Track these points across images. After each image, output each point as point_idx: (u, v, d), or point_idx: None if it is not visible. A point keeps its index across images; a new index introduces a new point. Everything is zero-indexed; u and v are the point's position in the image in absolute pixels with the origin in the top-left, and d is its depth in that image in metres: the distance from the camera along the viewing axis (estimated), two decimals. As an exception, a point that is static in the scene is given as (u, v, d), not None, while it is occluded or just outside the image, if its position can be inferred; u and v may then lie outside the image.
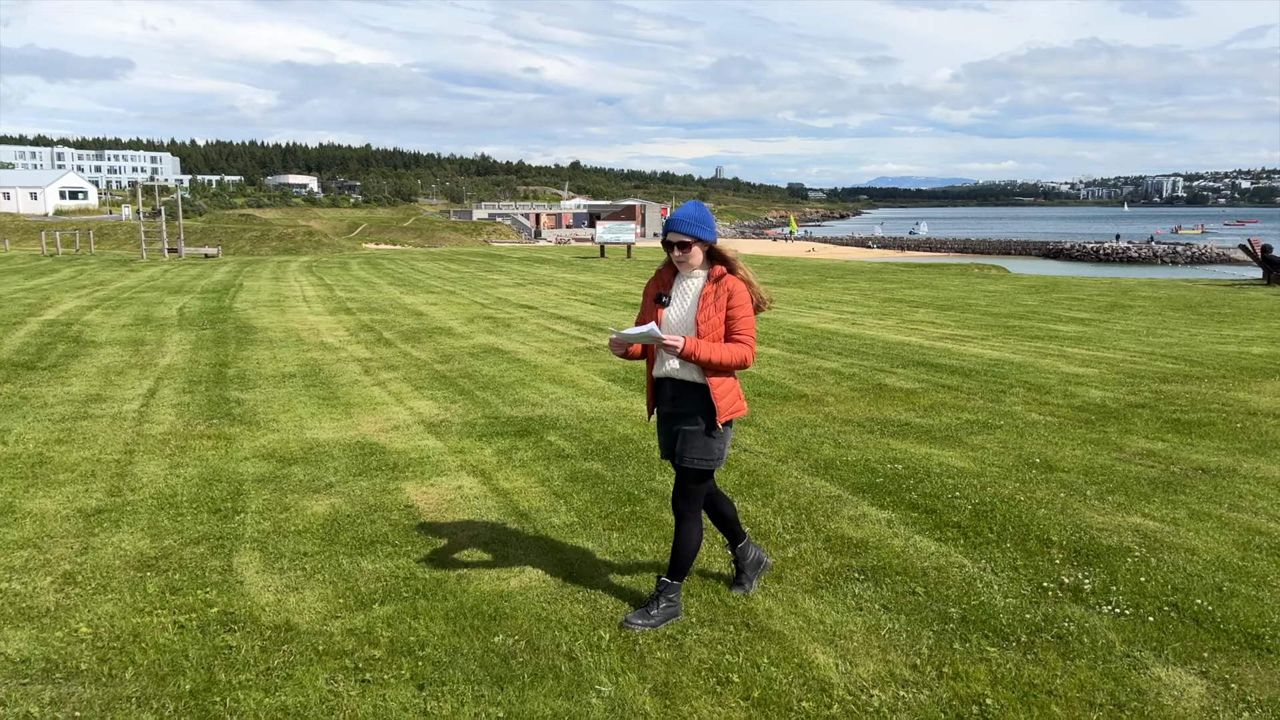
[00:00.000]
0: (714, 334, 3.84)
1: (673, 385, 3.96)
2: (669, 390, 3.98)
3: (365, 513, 5.34)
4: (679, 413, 3.95)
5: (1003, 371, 10.14)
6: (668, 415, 4.01)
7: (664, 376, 3.97)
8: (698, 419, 3.90)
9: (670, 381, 3.96)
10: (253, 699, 3.29)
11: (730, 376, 3.95)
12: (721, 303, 3.85)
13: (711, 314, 3.84)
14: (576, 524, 5.15)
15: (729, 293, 3.86)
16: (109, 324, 15.24)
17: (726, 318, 3.86)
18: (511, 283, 24.89)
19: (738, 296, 3.86)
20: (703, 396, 3.89)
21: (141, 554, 4.67)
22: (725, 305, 3.85)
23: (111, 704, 3.24)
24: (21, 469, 6.33)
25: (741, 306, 3.86)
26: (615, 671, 3.54)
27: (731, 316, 3.86)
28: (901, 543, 4.87)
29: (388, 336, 13.73)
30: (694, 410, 3.91)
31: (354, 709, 3.24)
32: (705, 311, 3.85)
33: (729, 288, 3.87)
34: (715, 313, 3.85)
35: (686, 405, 3.93)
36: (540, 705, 3.29)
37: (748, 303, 3.89)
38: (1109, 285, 23.89)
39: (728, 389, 3.91)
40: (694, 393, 3.91)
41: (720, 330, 3.85)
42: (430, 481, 5.98)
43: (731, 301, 3.85)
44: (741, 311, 3.86)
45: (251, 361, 11.31)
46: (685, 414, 3.93)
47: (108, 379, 10.10)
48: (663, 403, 4.02)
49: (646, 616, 3.91)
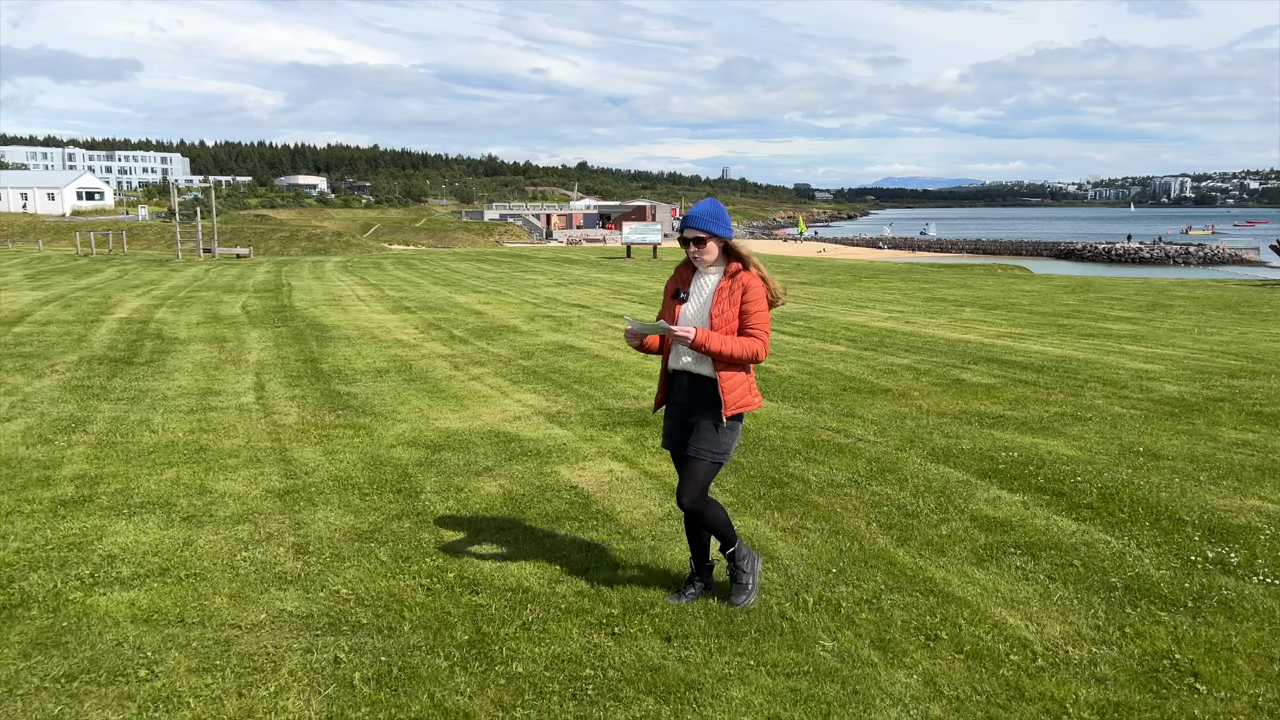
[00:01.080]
0: (727, 328, 3.93)
1: (689, 378, 4.07)
2: (684, 383, 4.08)
3: (536, 492, 5.75)
4: (691, 405, 4.06)
5: (1072, 368, 10.52)
6: (679, 406, 4.11)
7: (679, 370, 4.08)
8: (710, 412, 4.01)
9: (686, 375, 4.07)
10: (525, 648, 3.69)
11: (742, 371, 4.03)
12: (736, 297, 3.95)
13: (725, 308, 3.94)
14: (736, 504, 5.55)
15: (744, 287, 3.95)
16: (182, 322, 15.68)
17: (741, 312, 3.95)
18: (551, 283, 25.30)
19: (752, 291, 3.95)
20: (715, 390, 3.99)
21: (353, 528, 5.08)
22: (740, 300, 3.94)
23: (404, 651, 3.65)
24: (189, 455, 6.74)
25: (755, 301, 3.95)
26: (830, 629, 3.93)
27: (745, 311, 3.94)
28: (1043, 522, 5.26)
29: (459, 334, 14.13)
30: (705, 403, 4.01)
31: (617, 657, 3.64)
32: (719, 305, 3.94)
33: (744, 283, 3.96)
34: (729, 307, 3.94)
35: (700, 398, 4.03)
36: (777, 655, 3.68)
37: (762, 298, 3.97)
38: (1142, 285, 24.24)
39: (738, 383, 4.00)
40: (708, 386, 4.01)
41: (734, 324, 3.94)
42: (580, 466, 6.38)
43: (746, 296, 3.94)
44: (755, 306, 3.95)
45: (338, 358, 11.72)
46: (699, 407, 4.03)
47: (208, 374, 10.51)
48: (677, 394, 4.12)
49: (743, 591, 4.16)
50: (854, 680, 3.49)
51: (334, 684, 3.39)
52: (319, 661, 3.56)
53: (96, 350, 12.25)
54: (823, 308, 18.14)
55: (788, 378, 10.02)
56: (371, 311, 17.53)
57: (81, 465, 6.43)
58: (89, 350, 12.23)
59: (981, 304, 18.73)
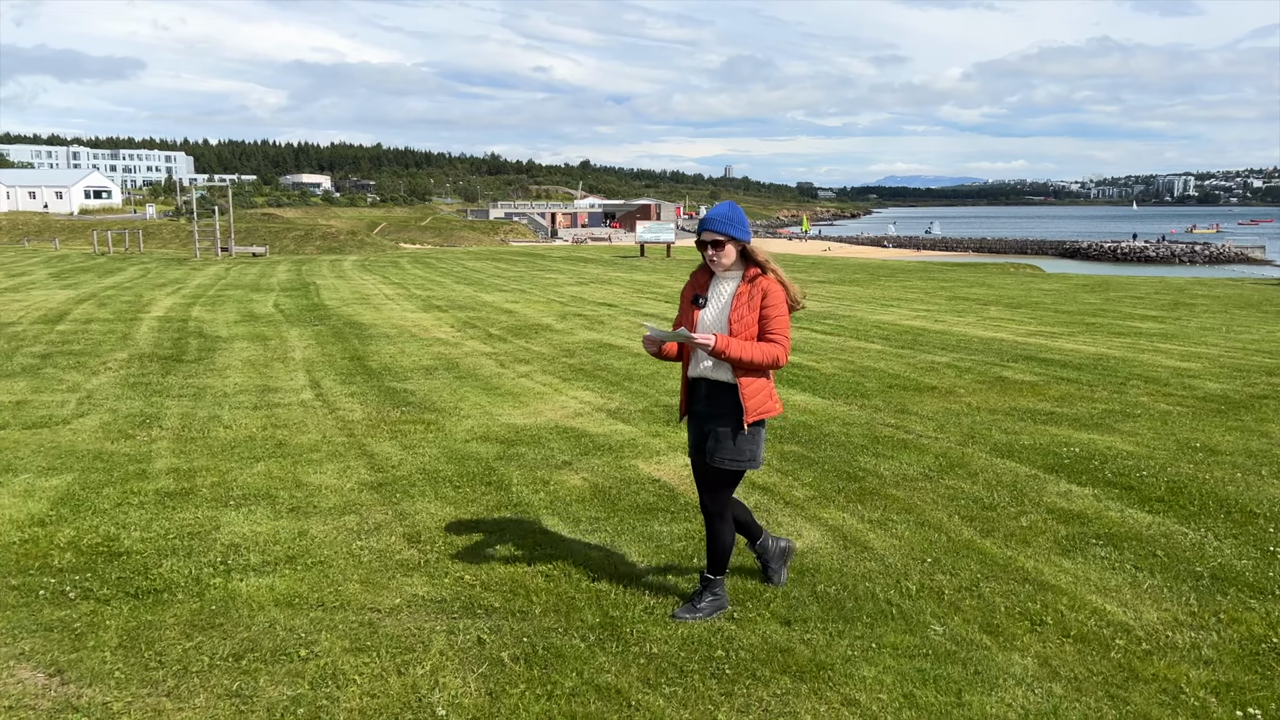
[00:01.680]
0: (747, 333, 3.87)
1: (707, 385, 4.00)
2: (703, 390, 4.01)
3: (621, 485, 5.93)
4: (712, 413, 3.98)
5: (1110, 366, 10.69)
6: (700, 415, 4.04)
7: (698, 377, 4.02)
8: (729, 419, 3.94)
9: (704, 382, 4.00)
10: (654, 631, 3.87)
11: (762, 377, 3.97)
12: (755, 302, 3.88)
13: (745, 313, 3.87)
14: (818, 497, 5.73)
15: (763, 292, 3.88)
16: (220, 320, 15.87)
17: (760, 317, 3.88)
18: (572, 281, 25.48)
19: (772, 296, 3.88)
20: (734, 396, 3.93)
21: (456, 518, 5.26)
22: (759, 305, 3.88)
23: (541, 633, 3.83)
24: (269, 449, 6.93)
25: (775, 306, 3.88)
26: (937, 614, 4.11)
27: (765, 316, 3.87)
28: (1117, 514, 5.44)
29: (495, 333, 14.32)
30: (726, 410, 3.95)
31: (744, 639, 3.81)
32: (739, 311, 3.87)
33: (763, 287, 3.89)
34: (749, 312, 3.87)
35: (719, 405, 3.96)
36: (894, 639, 3.86)
37: (782, 302, 3.91)
38: (1160, 284, 24.41)
39: (758, 389, 3.94)
40: (727, 393, 3.95)
41: (753, 330, 3.88)
42: (656, 461, 6.57)
43: (766, 301, 3.87)
44: (775, 311, 3.88)
45: (384, 355, 11.91)
46: (718, 414, 3.96)
47: (259, 371, 10.69)
48: (696, 402, 4.06)
49: (694, 610, 4.01)
50: (973, 662, 3.67)
51: (485, 663, 3.58)
52: (464, 642, 3.74)
53: (144, 348, 12.44)
54: (849, 306, 18.31)
55: (832, 375, 10.19)
56: (404, 310, 17.72)
57: (170, 459, 6.62)
58: (136, 348, 12.42)
59: (1005, 303, 18.90)
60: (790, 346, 3.97)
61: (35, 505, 5.50)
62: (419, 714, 3.22)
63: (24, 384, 9.78)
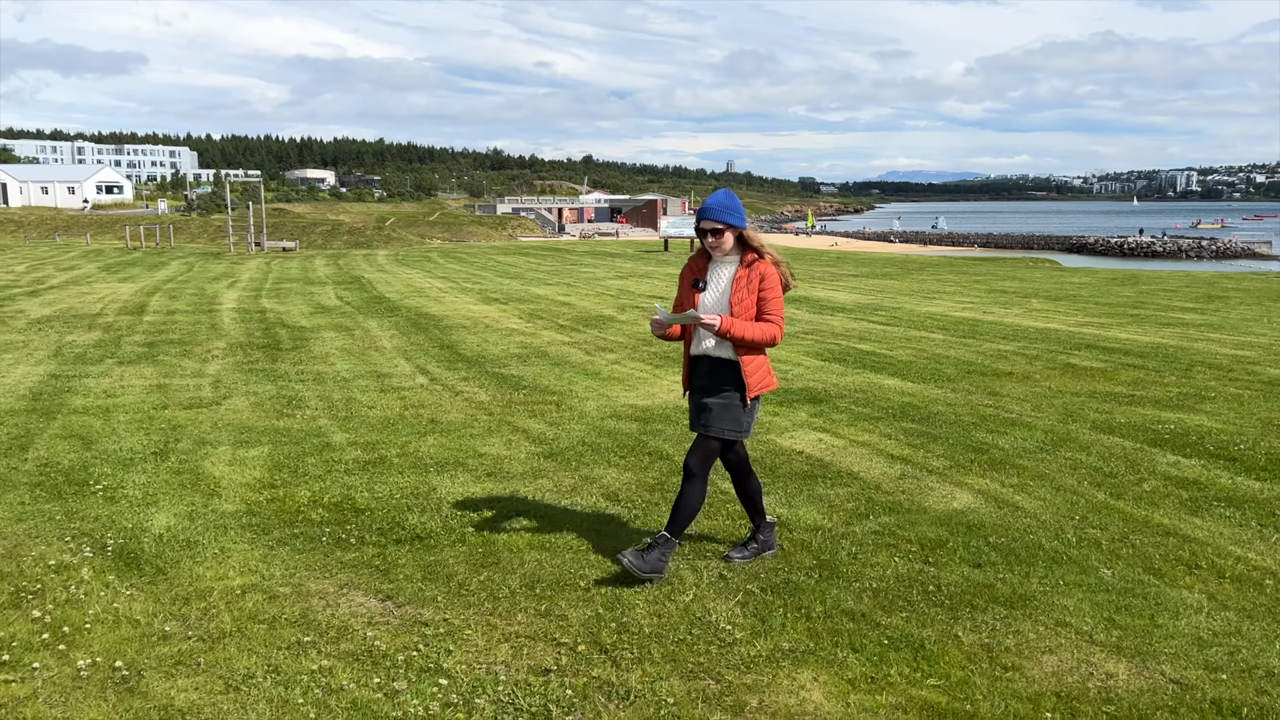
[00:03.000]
0: (746, 315, 4.18)
1: (709, 362, 4.30)
2: (705, 366, 4.32)
3: (771, 455, 6.52)
4: (714, 387, 4.30)
5: (1170, 354, 11.28)
6: (702, 389, 4.34)
7: (700, 354, 4.33)
8: (730, 393, 4.26)
9: (706, 359, 4.31)
10: (865, 571, 4.46)
11: (760, 354, 4.30)
12: (754, 285, 4.19)
13: (744, 296, 4.18)
14: (955, 467, 6.31)
15: (761, 276, 4.19)
16: (294, 312, 16.46)
17: (758, 299, 4.19)
18: (610, 275, 26.06)
19: (769, 279, 4.20)
20: (735, 373, 4.25)
21: (642, 482, 5.86)
22: (757, 288, 4.19)
23: (768, 571, 4.42)
24: (425, 426, 7.52)
25: (772, 289, 4.20)
26: (1102, 560, 4.68)
27: (763, 298, 4.19)
28: (1228, 481, 6.03)
29: (565, 324, 14.90)
30: (727, 385, 4.26)
31: (947, 578, 4.40)
32: (738, 294, 4.18)
33: (760, 271, 4.20)
34: (748, 295, 4.18)
35: (721, 380, 4.27)
36: (1074, 578, 4.44)
37: (777, 285, 4.23)
38: (1186, 278, 25.01)
39: (757, 366, 4.27)
40: (728, 369, 4.26)
41: (752, 311, 4.19)
42: (790, 435, 7.16)
43: (764, 284, 4.19)
44: (772, 294, 4.20)
45: (471, 345, 12.48)
46: (719, 388, 4.28)
47: (360, 359, 11.27)
48: (699, 377, 4.36)
49: (642, 559, 4.17)
50: (1150, 596, 4.25)
51: (739, 593, 4.17)
52: (710, 578, 4.33)
53: (237, 338, 13.01)
54: (892, 299, 18.91)
55: (909, 362, 10.78)
56: (464, 303, 18.30)
57: (343, 434, 7.21)
58: (230, 338, 13.00)
59: (1043, 295, 19.48)
60: (785, 325, 4.30)
61: (253, 472, 6.10)
62: (705, 629, 3.82)
63: (150, 369, 10.36)
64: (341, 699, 3.24)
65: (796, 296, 18.89)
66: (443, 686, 3.34)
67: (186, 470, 6.14)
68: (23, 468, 6.17)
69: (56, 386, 9.24)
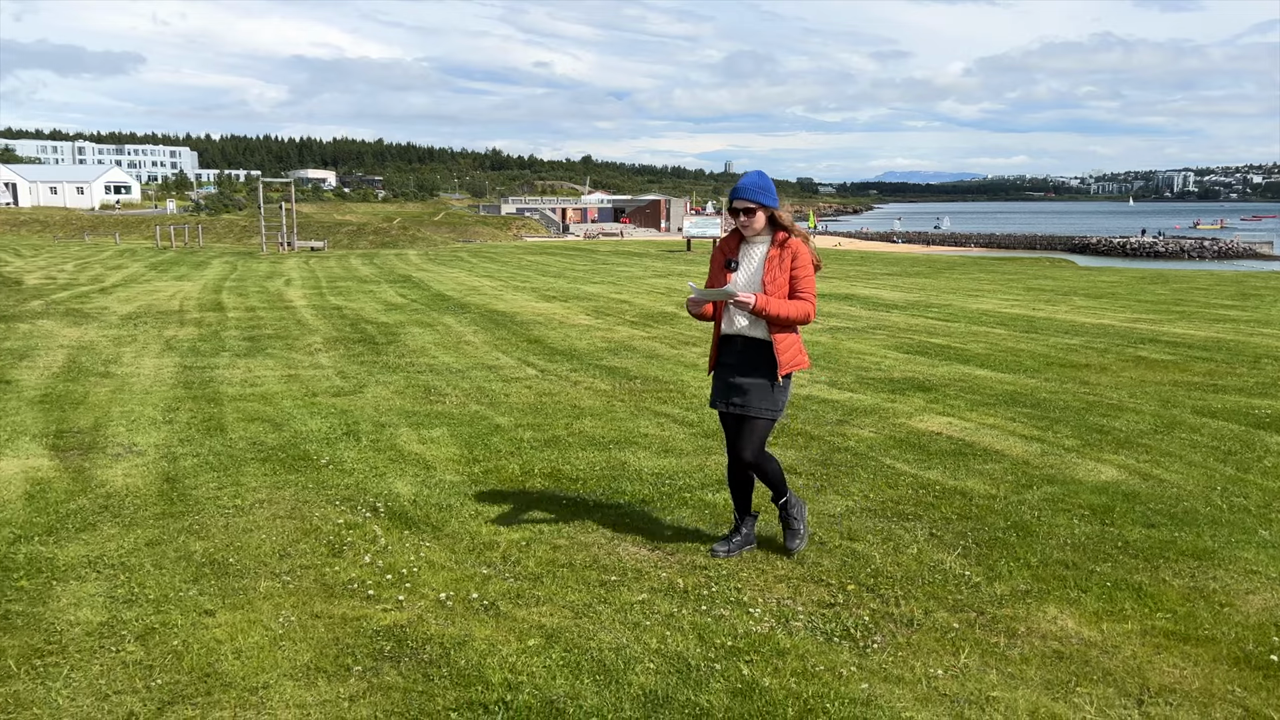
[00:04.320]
0: (779, 293, 4.24)
1: (743, 341, 4.35)
2: (738, 345, 4.37)
3: (918, 436, 7.09)
4: (744, 366, 4.36)
5: (1232, 347, 11.85)
6: (733, 367, 4.39)
7: (734, 334, 4.38)
8: (764, 372, 4.32)
9: (740, 338, 4.36)
10: (1058, 530, 5.03)
11: (793, 333, 4.37)
12: (786, 264, 4.25)
13: (777, 275, 4.24)
14: (1087, 445, 6.87)
15: (793, 254, 4.26)
16: (366, 309, 17.00)
17: (791, 277, 4.25)
18: (649, 274, 26.62)
19: (801, 258, 4.27)
20: (768, 352, 4.31)
21: (810, 457, 6.42)
22: (790, 266, 4.25)
23: (971, 531, 4.98)
24: (573, 411, 8.06)
25: (804, 267, 4.27)
26: (1257, 524, 5.25)
27: (795, 276, 4.26)
28: (1340, 457, 6.61)
29: (633, 319, 15.44)
30: (760, 364, 4.32)
31: (1131, 536, 4.96)
32: (771, 273, 4.24)
33: (793, 250, 4.27)
34: (781, 274, 4.25)
35: (754, 359, 4.33)
36: (1237, 536, 5.01)
37: (809, 264, 4.29)
38: (1210, 277, 25.64)
39: (790, 344, 4.34)
40: (761, 348, 4.32)
41: (785, 290, 4.26)
42: (919, 419, 7.72)
43: (796, 263, 4.26)
44: (804, 272, 4.27)
45: (555, 339, 13.01)
46: (751, 367, 4.34)
47: (459, 352, 11.80)
48: (729, 355, 4.41)
49: (798, 537, 4.54)
50: (1314, 550, 4.83)
51: (958, 547, 4.74)
52: (921, 536, 4.90)
53: (330, 333, 13.54)
54: (938, 296, 19.49)
55: (987, 355, 11.35)
56: (525, 300, 18.84)
57: (503, 417, 7.76)
58: (324, 333, 13.53)
59: (1081, 293, 20.07)
60: (817, 303, 4.40)
61: (447, 449, 6.67)
62: (944, 574, 4.39)
63: (270, 362, 10.90)
64: (679, 621, 3.81)
65: (847, 293, 19.46)
66: (754, 614, 3.90)
67: (386, 448, 6.70)
68: (238, 445, 6.73)
69: (199, 376, 9.78)
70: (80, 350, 11.57)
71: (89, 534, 4.90)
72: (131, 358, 11.04)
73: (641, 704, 3.17)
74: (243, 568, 4.42)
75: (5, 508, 5.33)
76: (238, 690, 3.29)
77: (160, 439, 6.97)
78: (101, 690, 3.30)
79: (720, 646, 3.61)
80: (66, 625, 3.79)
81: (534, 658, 3.48)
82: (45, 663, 3.48)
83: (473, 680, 3.33)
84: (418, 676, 3.37)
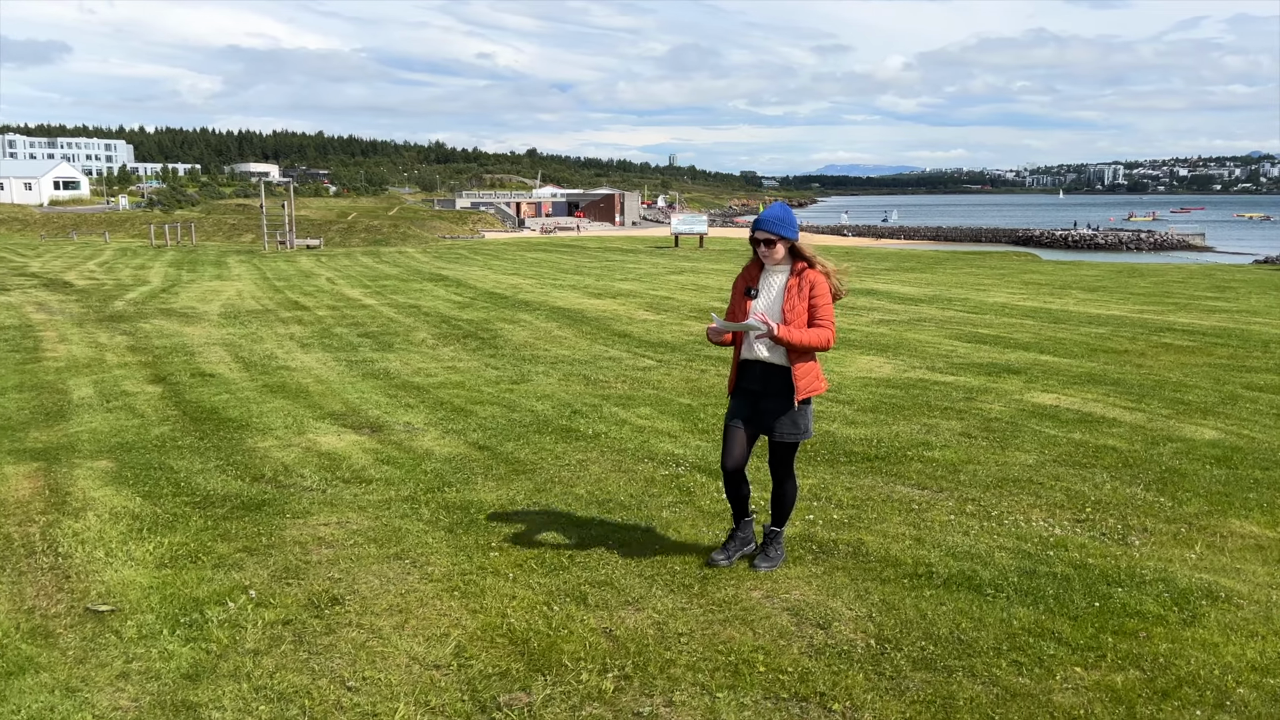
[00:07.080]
0: (799, 321, 4.42)
1: (762, 368, 4.56)
2: (758, 371, 4.58)
3: (1045, 408, 8.61)
4: (766, 392, 4.57)
5: (1240, 335, 13.62)
6: (753, 393, 4.61)
7: (753, 359, 4.58)
8: (783, 398, 4.52)
9: (759, 364, 4.56)
10: (1203, 471, 6.60)
11: (811, 360, 4.55)
12: (805, 293, 4.44)
13: (796, 303, 4.43)
14: (1181, 414, 8.45)
15: (811, 284, 4.46)
16: (440, 306, 18.13)
17: (810, 306, 4.43)
18: (662, 271, 28.00)
19: (819, 288, 4.46)
20: (786, 378, 4.49)
21: (950, 429, 7.96)
22: (808, 295, 4.44)
23: (1160, 479, 6.56)
24: (690, 401, 9.50)
25: (822, 296, 4.46)
26: None
27: (814, 305, 4.44)
28: (1377, 419, 8.33)
29: (690, 315, 16.81)
30: (779, 390, 4.52)
31: (1261, 478, 6.56)
32: (790, 302, 4.44)
33: (811, 280, 4.46)
34: (800, 302, 4.43)
35: (773, 386, 4.53)
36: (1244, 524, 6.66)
37: (828, 293, 4.49)
38: (1178, 270, 27.90)
39: (807, 370, 4.52)
40: (779, 375, 4.52)
41: (804, 318, 4.43)
42: (1030, 396, 9.27)
43: (814, 292, 4.45)
44: (822, 300, 4.45)
45: (639, 333, 14.28)
46: (771, 394, 4.54)
47: (561, 345, 13.05)
48: (750, 381, 4.61)
49: (770, 561, 4.72)
50: (1391, 483, 6.49)
51: (1140, 483, 6.31)
52: (1098, 479, 6.46)
53: (432, 331, 14.68)
54: (951, 290, 21.20)
55: (1036, 343, 12.98)
56: (577, 298, 20.04)
57: (681, 399, 9.16)
58: (426, 330, 14.71)
59: (1077, 287, 21.96)
60: (835, 330, 4.61)
61: (670, 422, 8.07)
62: (1139, 502, 5.94)
63: (411, 356, 12.09)
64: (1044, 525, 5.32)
65: (869, 289, 21.11)
66: (1041, 524, 5.43)
67: (621, 422, 8.07)
68: (500, 422, 8.04)
69: (370, 369, 10.98)
70: (228, 348, 12.64)
71: (474, 486, 6.22)
72: (285, 355, 12.15)
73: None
74: (630, 504, 5.81)
75: (385, 465, 6.60)
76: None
77: (423, 420, 8.25)
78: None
79: (1039, 541, 5.12)
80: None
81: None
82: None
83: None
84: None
